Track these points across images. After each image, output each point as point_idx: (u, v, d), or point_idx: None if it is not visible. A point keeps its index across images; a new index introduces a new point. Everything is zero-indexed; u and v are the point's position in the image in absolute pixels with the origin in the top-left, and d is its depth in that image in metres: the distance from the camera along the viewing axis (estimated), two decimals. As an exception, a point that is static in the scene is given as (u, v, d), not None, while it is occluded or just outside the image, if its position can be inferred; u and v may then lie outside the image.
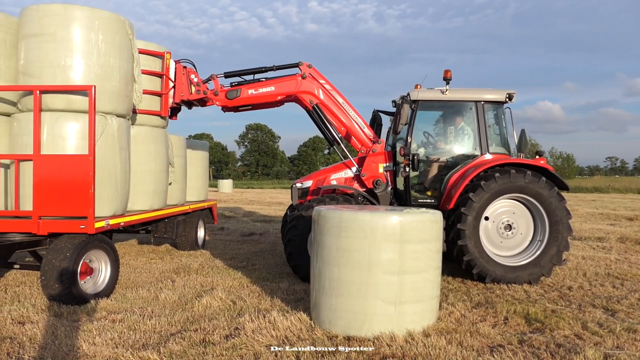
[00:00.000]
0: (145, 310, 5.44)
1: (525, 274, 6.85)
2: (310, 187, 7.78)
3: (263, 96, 7.56)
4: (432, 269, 4.83)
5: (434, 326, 4.82)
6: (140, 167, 7.20)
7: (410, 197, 7.46)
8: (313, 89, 7.61)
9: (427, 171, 7.63)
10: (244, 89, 7.44)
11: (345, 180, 7.74)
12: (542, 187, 6.85)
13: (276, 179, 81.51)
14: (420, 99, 7.46)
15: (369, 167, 7.59)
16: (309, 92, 7.60)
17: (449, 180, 7.29)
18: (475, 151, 7.47)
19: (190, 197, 9.63)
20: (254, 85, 7.51)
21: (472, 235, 6.77)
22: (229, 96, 7.38)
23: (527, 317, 5.28)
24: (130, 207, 7.03)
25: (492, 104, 7.55)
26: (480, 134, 7.39)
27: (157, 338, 4.57)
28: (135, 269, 7.79)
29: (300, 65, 7.56)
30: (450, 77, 7.33)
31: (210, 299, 5.80)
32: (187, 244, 9.50)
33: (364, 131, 7.77)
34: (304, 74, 7.56)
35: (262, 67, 7.67)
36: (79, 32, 5.95)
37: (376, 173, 7.58)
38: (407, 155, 7.28)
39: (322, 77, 7.68)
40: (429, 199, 7.49)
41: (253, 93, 7.47)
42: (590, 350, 4.22)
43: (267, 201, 26.52)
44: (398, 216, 4.64)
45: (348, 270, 4.67)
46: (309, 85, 7.59)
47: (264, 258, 8.89)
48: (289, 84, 7.57)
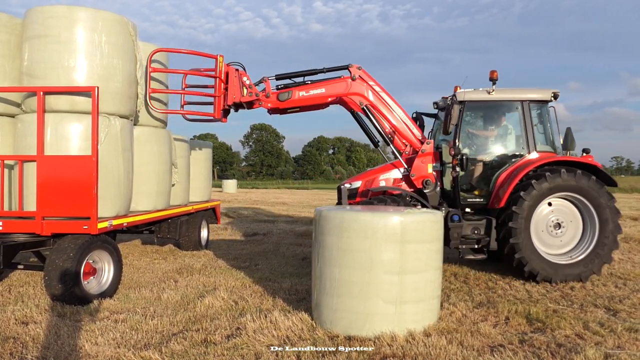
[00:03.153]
0: (148, 311, 5.46)
1: (575, 272, 6.94)
2: (359, 187, 7.80)
3: (313, 98, 7.59)
4: (433, 269, 4.84)
5: (435, 326, 4.83)
6: (144, 168, 7.23)
7: (459, 197, 7.53)
8: (363, 90, 7.64)
9: (472, 171, 7.70)
10: (294, 91, 7.49)
11: (393, 181, 7.78)
12: (592, 186, 6.93)
13: (281, 179, 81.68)
14: (467, 99, 7.54)
15: (418, 167, 7.63)
16: (359, 94, 7.63)
17: (498, 180, 7.41)
18: (521, 150, 7.59)
19: (193, 198, 9.66)
20: (304, 87, 7.55)
21: (523, 234, 6.86)
22: (280, 98, 7.42)
23: (528, 316, 5.27)
24: (134, 207, 7.07)
25: (537, 103, 7.65)
26: (527, 133, 7.50)
27: (159, 338, 4.60)
28: (139, 269, 7.83)
29: (350, 67, 7.60)
30: (496, 78, 7.42)
31: (212, 299, 5.82)
32: (191, 244, 9.53)
33: (412, 132, 7.80)
34: (353, 75, 7.59)
35: (311, 69, 7.70)
36: (82, 33, 5.99)
37: (425, 173, 7.62)
38: (456, 155, 7.39)
39: (371, 78, 7.71)
40: (478, 199, 7.58)
41: (304, 95, 7.51)
42: (590, 350, 4.22)
43: (271, 201, 26.57)
44: (399, 216, 4.65)
45: (349, 271, 4.68)
46: (359, 87, 7.63)
47: (267, 258, 8.91)
48: (339, 86, 7.60)
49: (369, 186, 7.73)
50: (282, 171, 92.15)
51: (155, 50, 6.90)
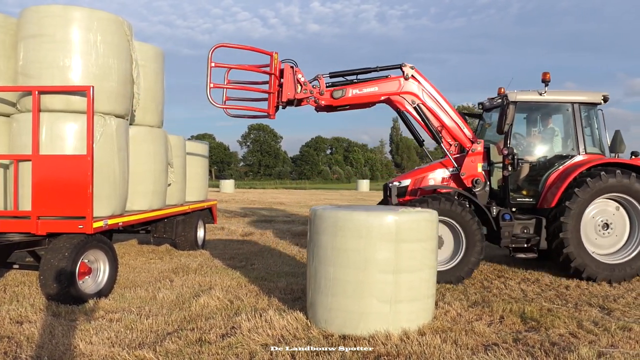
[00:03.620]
0: (143, 310, 5.46)
1: (620, 273, 7.01)
2: (408, 186, 7.83)
3: (366, 96, 7.60)
4: (428, 268, 4.85)
5: (430, 325, 4.84)
6: (139, 168, 7.23)
7: (509, 197, 7.60)
8: (415, 89, 7.64)
9: (520, 171, 7.77)
10: (348, 89, 7.50)
11: (442, 180, 7.82)
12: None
13: (278, 179, 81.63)
14: (518, 100, 7.59)
15: (468, 167, 7.65)
16: (411, 93, 7.63)
17: (548, 180, 7.52)
18: (570, 151, 7.68)
19: (189, 197, 9.66)
20: (358, 85, 7.56)
21: (573, 230, 6.96)
22: (334, 95, 7.43)
23: (522, 315, 5.29)
24: (129, 207, 7.06)
25: (587, 105, 7.75)
26: (577, 134, 7.59)
27: (154, 337, 4.60)
28: (135, 269, 7.82)
29: (403, 66, 7.62)
30: (549, 80, 7.52)
31: (207, 299, 5.82)
32: (187, 244, 9.52)
33: (463, 131, 7.82)
34: (406, 74, 7.60)
35: (364, 68, 7.70)
36: (77, 32, 5.99)
37: (475, 172, 7.65)
38: (509, 155, 7.46)
39: (424, 78, 7.72)
40: (527, 198, 7.67)
41: (357, 93, 7.52)
42: (584, 349, 4.24)
43: (268, 201, 26.57)
44: (393, 215, 4.66)
45: (344, 270, 4.69)
46: (412, 86, 7.63)
47: (263, 258, 8.92)
48: (391, 85, 7.60)
49: (418, 185, 7.78)
50: (280, 171, 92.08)
51: (216, 45, 6.79)
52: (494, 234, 7.31)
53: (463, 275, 6.89)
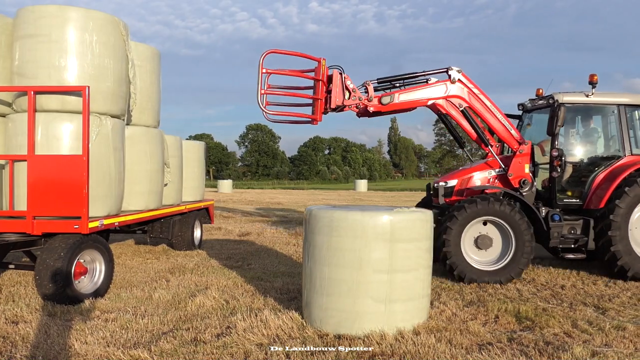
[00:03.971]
0: (139, 310, 5.47)
1: None
2: (455, 186, 7.86)
3: (414, 101, 7.63)
4: (423, 268, 4.86)
5: (425, 324, 4.85)
6: (136, 167, 7.24)
7: (556, 198, 7.66)
8: (462, 93, 7.68)
9: (564, 172, 7.83)
10: (396, 95, 7.53)
11: (488, 180, 7.87)
12: None
13: (276, 180, 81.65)
14: (565, 101, 7.64)
15: (516, 167, 7.69)
16: (458, 96, 7.67)
17: (595, 181, 7.59)
18: (616, 152, 7.76)
19: (186, 197, 9.67)
20: (405, 90, 7.58)
21: (621, 229, 7.00)
22: (382, 102, 7.44)
23: (517, 315, 5.31)
24: (125, 207, 7.06)
25: (632, 107, 7.84)
26: (623, 135, 7.67)
27: (149, 337, 4.61)
28: (131, 269, 7.82)
29: (449, 69, 7.65)
30: (596, 82, 7.59)
31: (203, 298, 5.83)
32: (184, 243, 9.52)
33: (510, 132, 7.86)
34: (453, 78, 7.63)
35: (412, 73, 7.75)
36: (73, 33, 5.99)
37: (523, 173, 7.69)
38: (559, 157, 7.55)
39: (470, 81, 7.76)
40: (573, 199, 7.73)
41: (405, 98, 7.54)
42: (578, 348, 4.25)
43: (266, 201, 26.58)
44: (388, 215, 4.68)
45: (339, 269, 4.70)
46: (459, 90, 7.65)
47: (259, 258, 8.92)
48: (439, 89, 7.62)
49: (465, 185, 7.83)
50: (278, 171, 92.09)
51: (268, 51, 6.74)
52: (541, 234, 7.33)
53: (513, 275, 6.93)
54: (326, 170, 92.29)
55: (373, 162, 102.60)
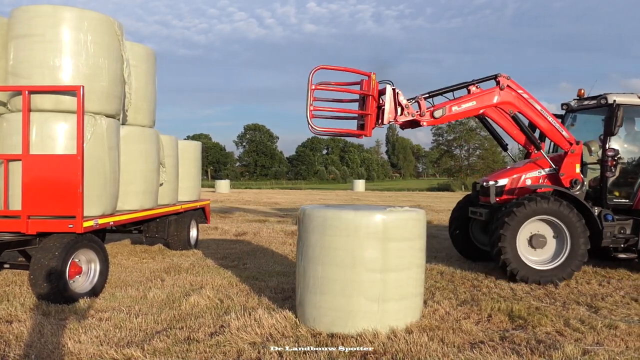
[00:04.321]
0: (133, 309, 5.48)
1: None
2: (505, 185, 7.91)
3: (465, 112, 7.66)
4: (415, 267, 4.88)
5: (417, 323, 4.87)
6: (131, 167, 7.25)
7: (606, 197, 7.74)
8: (512, 99, 7.72)
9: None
10: (448, 107, 7.54)
11: (539, 179, 7.94)
12: None
13: (274, 180, 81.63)
14: (622, 103, 7.73)
15: (568, 167, 7.76)
16: (509, 103, 7.71)
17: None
18: None
19: (182, 197, 9.68)
20: (456, 101, 7.60)
21: None
22: (435, 115, 7.47)
23: (510, 314, 5.33)
24: (121, 206, 7.07)
25: None
26: None
27: (142, 336, 4.62)
28: (126, 269, 7.83)
29: (498, 76, 7.68)
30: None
31: (198, 298, 5.84)
32: (180, 243, 9.53)
33: (562, 133, 7.91)
34: (502, 85, 7.66)
35: (460, 83, 7.77)
36: (68, 32, 6.00)
37: (574, 173, 7.76)
38: (614, 157, 7.69)
39: (519, 87, 7.81)
40: (623, 199, 7.82)
41: (457, 110, 7.55)
42: (569, 346, 4.28)
43: (263, 201, 26.58)
44: (381, 215, 4.70)
45: (332, 268, 4.72)
46: (508, 96, 7.70)
47: (255, 257, 8.94)
48: (489, 97, 7.65)
49: (515, 184, 7.87)
50: (276, 171, 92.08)
51: (317, 67, 6.72)
52: (593, 234, 7.33)
53: (565, 276, 6.98)
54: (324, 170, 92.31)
55: (371, 162, 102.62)
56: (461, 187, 45.79)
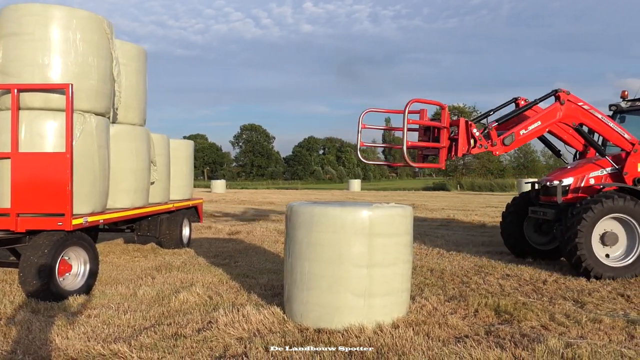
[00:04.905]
0: (122, 306, 5.50)
1: None
2: (570, 185, 7.97)
3: (533, 134, 7.74)
4: (402, 262, 4.92)
5: (404, 318, 4.90)
6: (121, 165, 7.27)
7: None
8: (574, 112, 7.84)
9: None
10: (516, 132, 7.61)
11: (602, 179, 8.02)
12: None
13: (271, 180, 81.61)
14: None
15: (631, 166, 7.85)
16: (571, 116, 7.85)
17: None
18: None
19: (174, 196, 9.70)
20: (523, 125, 7.67)
21: None
22: (505, 142, 7.52)
23: (497, 309, 5.37)
24: (111, 205, 7.10)
25: None
26: None
27: (130, 332, 4.64)
28: (118, 267, 7.84)
29: (558, 92, 7.78)
30: None
31: (187, 295, 5.86)
32: (172, 242, 9.54)
33: (623, 136, 8.03)
34: (562, 100, 7.73)
35: (525, 106, 7.91)
36: (57, 31, 6.02)
37: (636, 172, 7.87)
38: None
39: (578, 99, 7.90)
40: None
41: (525, 133, 7.61)
42: (553, 340, 4.31)
43: (259, 201, 26.60)
44: (367, 211, 4.73)
45: (319, 264, 4.75)
46: (570, 110, 7.80)
47: (247, 255, 8.96)
48: (552, 114, 7.75)
49: (580, 184, 7.98)
50: (273, 171, 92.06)
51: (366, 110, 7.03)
52: None
53: (637, 273, 7.08)
54: (320, 170, 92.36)
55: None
56: (457, 186, 45.88)
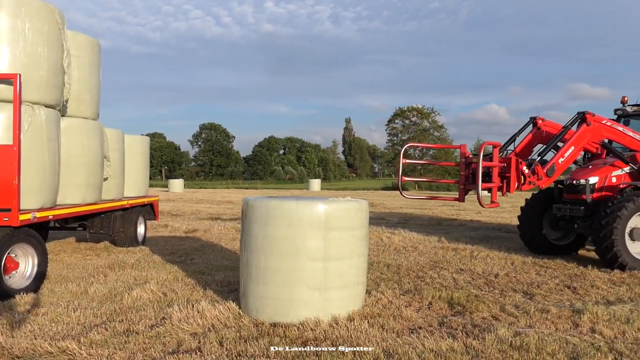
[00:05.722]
0: (72, 304, 5.34)
1: None
2: (595, 183, 8.30)
3: (570, 159, 8.13)
4: (357, 256, 4.96)
5: (359, 311, 4.95)
6: (73, 160, 7.06)
7: None
8: (599, 130, 8.31)
9: None
10: (556, 162, 7.92)
11: (622, 177, 8.46)
12: None
13: (230, 179, 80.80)
14: None
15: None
16: (598, 135, 8.32)
17: None
18: None
19: (129, 193, 9.48)
20: (560, 154, 8.02)
21: None
22: (548, 174, 7.89)
23: (450, 301, 5.48)
24: (62, 200, 6.88)
25: None
26: None
27: (80, 329, 4.52)
28: (68, 265, 7.61)
29: (585, 115, 8.11)
30: None
31: (140, 292, 5.74)
32: (126, 240, 9.32)
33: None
34: (589, 122, 8.12)
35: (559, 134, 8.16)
36: (4, 19, 5.80)
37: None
38: None
39: (602, 118, 8.40)
40: None
41: (563, 161, 8.00)
42: (502, 329, 4.44)
43: (217, 200, 26.29)
44: (323, 204, 4.75)
45: (275, 258, 4.74)
46: (596, 130, 8.27)
47: (204, 253, 8.85)
48: (582, 137, 8.15)
49: (604, 183, 8.31)
50: (232, 171, 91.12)
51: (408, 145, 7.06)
52: None
53: None
54: (281, 170, 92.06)
55: (328, 163, 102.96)
56: (415, 186, 46.57)
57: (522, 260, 8.14)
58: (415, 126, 68.86)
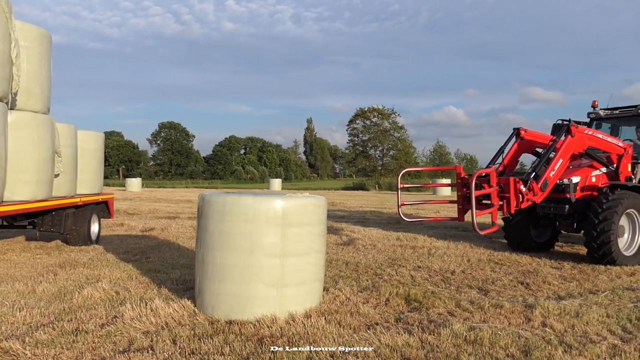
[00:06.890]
0: (18, 303, 5.12)
1: None
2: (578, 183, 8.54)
3: (560, 171, 8.24)
4: (315, 252, 4.93)
5: (316, 308, 4.92)
6: (21, 155, 6.80)
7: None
8: (583, 140, 8.52)
9: None
10: (547, 176, 8.04)
11: (600, 177, 8.79)
12: None
13: (190, 179, 79.70)
14: None
15: (623, 166, 8.87)
16: (582, 144, 8.54)
17: None
18: None
19: (82, 190, 9.20)
20: (550, 168, 8.14)
21: None
22: (542, 189, 7.98)
23: (407, 298, 5.51)
24: (9, 197, 6.62)
25: None
26: None
27: (25, 329, 4.33)
28: (16, 264, 7.32)
29: (570, 127, 8.29)
30: None
31: (92, 290, 5.56)
32: (79, 238, 9.04)
33: (617, 144, 8.94)
34: (573, 134, 8.30)
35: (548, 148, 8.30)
36: (-54, 6, 5.52)
37: (627, 170, 8.92)
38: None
39: (584, 128, 8.72)
40: None
41: (554, 174, 8.14)
42: (457, 324, 4.48)
43: (175, 199, 25.87)
44: (281, 200, 4.70)
45: (231, 254, 4.67)
46: (580, 140, 8.47)
47: (160, 251, 8.66)
48: (568, 149, 8.32)
49: (585, 183, 8.61)
50: (192, 171, 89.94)
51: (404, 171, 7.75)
52: None
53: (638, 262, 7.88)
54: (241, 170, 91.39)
55: (289, 163, 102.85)
56: (375, 186, 46.97)
57: (477, 258, 8.29)
58: (376, 127, 69.51)
